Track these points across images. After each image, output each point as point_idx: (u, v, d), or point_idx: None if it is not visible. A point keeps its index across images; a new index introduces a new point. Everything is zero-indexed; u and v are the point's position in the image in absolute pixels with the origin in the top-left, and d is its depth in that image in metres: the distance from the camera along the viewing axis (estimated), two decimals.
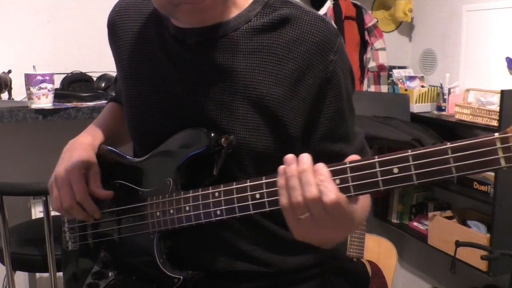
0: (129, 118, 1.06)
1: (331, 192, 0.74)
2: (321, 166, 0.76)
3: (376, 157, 0.74)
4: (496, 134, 0.68)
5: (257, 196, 0.83)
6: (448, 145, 0.70)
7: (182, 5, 0.86)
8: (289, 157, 0.77)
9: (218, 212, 0.88)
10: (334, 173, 0.76)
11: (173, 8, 0.87)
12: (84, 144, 1.07)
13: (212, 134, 0.92)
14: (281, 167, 0.78)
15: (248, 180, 0.85)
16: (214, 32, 0.93)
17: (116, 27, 1.06)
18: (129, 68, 1.03)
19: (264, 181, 0.83)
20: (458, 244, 2.18)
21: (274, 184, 0.81)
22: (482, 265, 2.28)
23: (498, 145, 0.67)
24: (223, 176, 0.91)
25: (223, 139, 0.91)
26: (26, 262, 1.70)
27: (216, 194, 0.88)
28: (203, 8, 0.87)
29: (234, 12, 0.94)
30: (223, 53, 0.93)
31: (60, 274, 1.86)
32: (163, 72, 0.98)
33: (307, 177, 0.75)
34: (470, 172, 0.69)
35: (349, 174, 0.76)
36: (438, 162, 0.70)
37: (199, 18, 0.90)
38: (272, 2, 0.95)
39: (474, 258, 2.26)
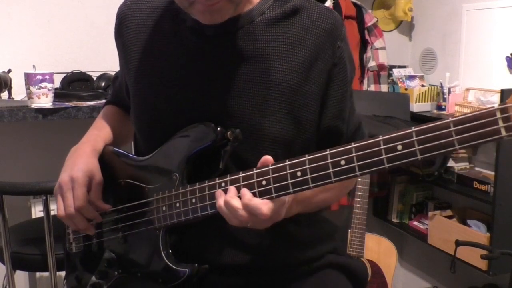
0: (139, 111, 1.06)
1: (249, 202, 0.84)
2: (245, 191, 0.86)
3: (381, 136, 0.77)
4: (496, 105, 0.70)
5: (264, 183, 0.85)
6: (450, 119, 0.73)
7: (196, 4, 0.90)
8: (218, 192, 0.88)
9: None
10: (337, 155, 0.80)
11: (189, 4, 0.91)
12: (87, 151, 1.07)
13: (218, 128, 0.94)
14: (218, 191, 0.88)
15: (254, 168, 0.86)
16: (231, 24, 0.97)
17: (126, 19, 1.07)
18: (140, 60, 1.04)
19: (270, 167, 0.84)
20: (458, 243, 2.18)
21: (280, 169, 0.84)
22: (482, 264, 2.28)
23: (498, 115, 0.69)
24: (240, 163, 0.95)
25: (229, 132, 0.93)
26: (26, 261, 1.70)
27: (223, 184, 0.89)
28: (215, 9, 0.91)
29: (248, 7, 0.99)
30: (240, 43, 0.98)
31: (60, 273, 1.86)
32: (176, 64, 1.01)
33: (232, 205, 0.85)
34: (472, 143, 0.71)
35: (354, 154, 0.78)
36: (440, 136, 0.73)
37: (212, 18, 0.93)
38: None
39: (474, 257, 2.26)
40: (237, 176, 0.87)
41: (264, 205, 0.84)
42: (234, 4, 0.93)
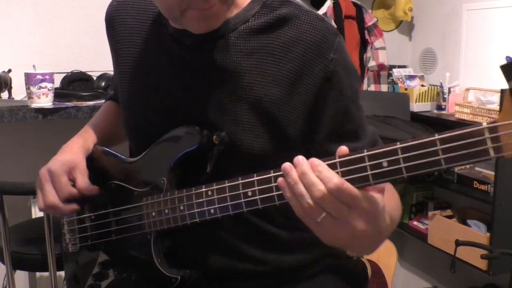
0: (124, 115, 1.05)
1: (332, 178, 0.71)
2: (314, 159, 0.74)
3: (365, 150, 0.73)
4: (484, 124, 0.66)
5: (249, 193, 0.83)
6: (437, 136, 0.68)
7: (188, 11, 0.84)
8: (286, 166, 0.75)
9: (212, 211, 0.88)
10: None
11: (180, 13, 0.85)
12: (73, 148, 1.07)
13: (204, 132, 0.92)
14: (281, 179, 0.75)
15: (240, 178, 0.84)
16: (212, 32, 0.91)
17: (114, 21, 1.05)
18: (126, 64, 1.03)
19: (255, 178, 0.82)
20: (458, 243, 2.18)
21: (265, 181, 0.81)
22: (482, 264, 2.27)
23: (487, 135, 0.65)
24: (221, 177, 0.89)
25: (214, 136, 0.91)
26: (26, 261, 1.70)
27: (209, 192, 0.88)
28: (210, 15, 0.85)
29: (233, 12, 0.93)
30: (220, 54, 0.93)
31: (60, 273, 1.86)
32: (161, 71, 0.98)
33: (309, 178, 0.72)
34: (460, 163, 0.68)
35: (339, 169, 0.74)
36: (427, 155, 0.69)
37: (207, 25, 0.88)
38: (270, 1, 0.94)
39: (474, 257, 2.26)
40: (224, 185, 0.86)
41: (339, 176, 0.72)
42: (227, 5, 0.88)
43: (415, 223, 2.80)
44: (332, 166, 0.74)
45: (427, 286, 3.04)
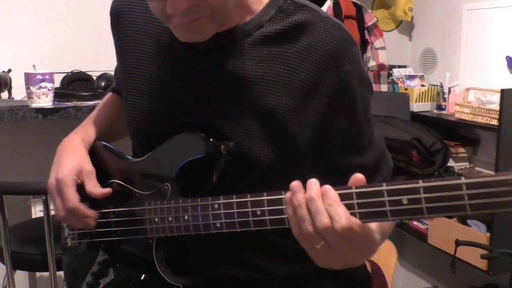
0: (128, 114, 1.02)
1: (341, 217, 0.69)
2: (328, 189, 0.71)
3: (385, 184, 0.70)
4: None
5: (258, 213, 0.80)
6: (463, 180, 0.65)
7: (173, 18, 0.81)
8: (295, 185, 0.72)
9: (218, 225, 0.85)
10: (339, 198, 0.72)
11: (166, 18, 0.82)
12: (74, 144, 1.03)
13: (211, 140, 0.89)
14: (288, 196, 0.73)
15: (249, 195, 0.81)
16: (224, 38, 0.88)
17: (119, 16, 1.02)
18: (130, 64, 1.00)
19: (265, 197, 0.79)
20: (458, 243, 2.18)
21: (276, 202, 0.78)
22: (482, 264, 2.27)
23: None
24: (226, 187, 0.86)
25: (222, 146, 0.88)
26: (26, 261, 1.70)
27: (216, 206, 0.85)
28: (194, 27, 0.82)
29: (246, 17, 0.89)
30: (232, 60, 0.89)
31: (60, 273, 1.86)
32: (166, 73, 0.95)
33: (315, 206, 0.70)
34: (487, 211, 0.64)
35: (355, 200, 0.71)
36: (451, 198, 0.66)
37: (191, 36, 0.84)
38: (286, 6, 0.90)
39: (474, 257, 2.26)
40: (231, 200, 0.83)
41: (349, 216, 0.70)
42: (217, 22, 0.82)
43: (415, 223, 2.80)
44: (348, 196, 0.72)
45: (427, 286, 3.04)
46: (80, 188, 0.99)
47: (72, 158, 1.00)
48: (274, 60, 0.88)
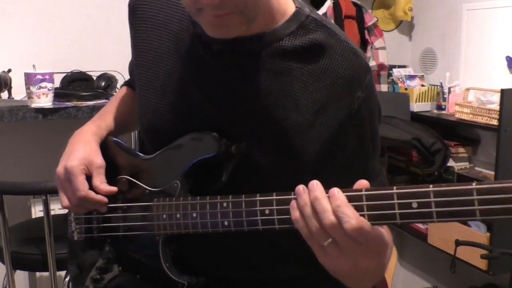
0: (141, 111, 1.02)
1: (350, 217, 0.69)
2: (336, 190, 0.72)
3: (395, 187, 0.70)
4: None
5: (267, 212, 0.81)
6: (474, 185, 0.65)
7: (203, 12, 0.79)
8: (299, 188, 0.74)
9: (226, 223, 0.86)
10: (348, 199, 0.72)
11: (197, 11, 0.80)
12: (87, 136, 1.04)
13: (223, 140, 0.90)
14: (293, 201, 0.74)
15: (258, 195, 0.82)
16: (243, 44, 0.88)
17: (137, 10, 1.00)
18: (146, 58, 0.99)
19: (274, 197, 0.80)
20: (458, 243, 2.18)
21: (285, 201, 0.79)
22: (482, 264, 2.27)
23: None
24: (233, 187, 0.87)
25: (234, 147, 0.90)
26: (26, 261, 1.70)
27: (224, 204, 0.85)
28: (222, 24, 0.81)
29: (268, 26, 0.89)
30: (247, 68, 0.89)
31: (60, 273, 1.86)
32: (181, 71, 0.95)
33: (321, 205, 0.71)
34: (497, 218, 0.64)
35: (364, 202, 0.72)
36: (461, 202, 0.66)
37: (219, 32, 0.83)
38: (308, 22, 0.90)
39: (474, 257, 2.26)
40: (240, 199, 0.84)
41: (359, 216, 0.70)
42: (246, 20, 0.81)
43: None
44: (358, 198, 0.72)
45: (427, 286, 3.04)
46: (87, 180, 0.99)
47: (83, 150, 1.00)
48: (289, 75, 0.89)
